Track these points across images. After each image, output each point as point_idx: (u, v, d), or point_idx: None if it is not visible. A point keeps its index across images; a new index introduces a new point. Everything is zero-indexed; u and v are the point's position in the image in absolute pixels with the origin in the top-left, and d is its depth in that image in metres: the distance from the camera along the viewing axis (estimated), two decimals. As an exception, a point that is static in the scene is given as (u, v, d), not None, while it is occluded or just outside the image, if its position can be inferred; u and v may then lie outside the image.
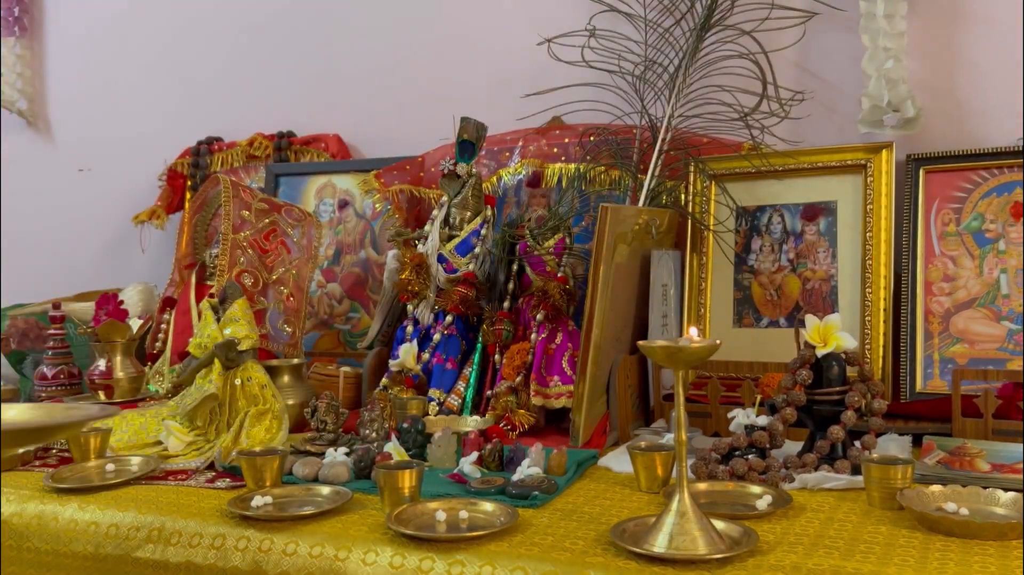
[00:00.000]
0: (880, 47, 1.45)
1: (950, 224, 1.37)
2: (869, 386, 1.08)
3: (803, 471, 1.04)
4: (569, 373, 1.33)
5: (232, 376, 1.29)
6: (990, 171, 1.36)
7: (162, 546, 0.95)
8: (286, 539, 0.89)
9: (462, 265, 1.45)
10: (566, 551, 0.82)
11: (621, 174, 1.55)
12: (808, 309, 1.41)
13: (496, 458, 1.11)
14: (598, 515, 0.93)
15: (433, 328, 1.46)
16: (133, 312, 1.72)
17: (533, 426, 1.31)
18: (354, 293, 1.84)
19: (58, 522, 1.02)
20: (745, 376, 1.33)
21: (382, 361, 1.51)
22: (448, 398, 1.39)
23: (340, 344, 1.82)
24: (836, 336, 1.08)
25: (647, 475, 1.03)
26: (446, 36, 1.90)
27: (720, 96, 1.50)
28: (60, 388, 1.59)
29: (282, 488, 1.03)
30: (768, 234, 1.47)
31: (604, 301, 1.25)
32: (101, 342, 1.49)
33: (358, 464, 1.09)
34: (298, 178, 1.95)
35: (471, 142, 1.48)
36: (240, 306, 1.35)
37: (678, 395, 0.82)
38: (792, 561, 0.77)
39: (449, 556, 0.82)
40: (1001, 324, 1.31)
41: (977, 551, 0.78)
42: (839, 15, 1.52)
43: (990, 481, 0.97)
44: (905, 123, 1.45)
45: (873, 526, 0.87)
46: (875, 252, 1.37)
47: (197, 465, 1.18)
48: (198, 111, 2.16)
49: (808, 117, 1.55)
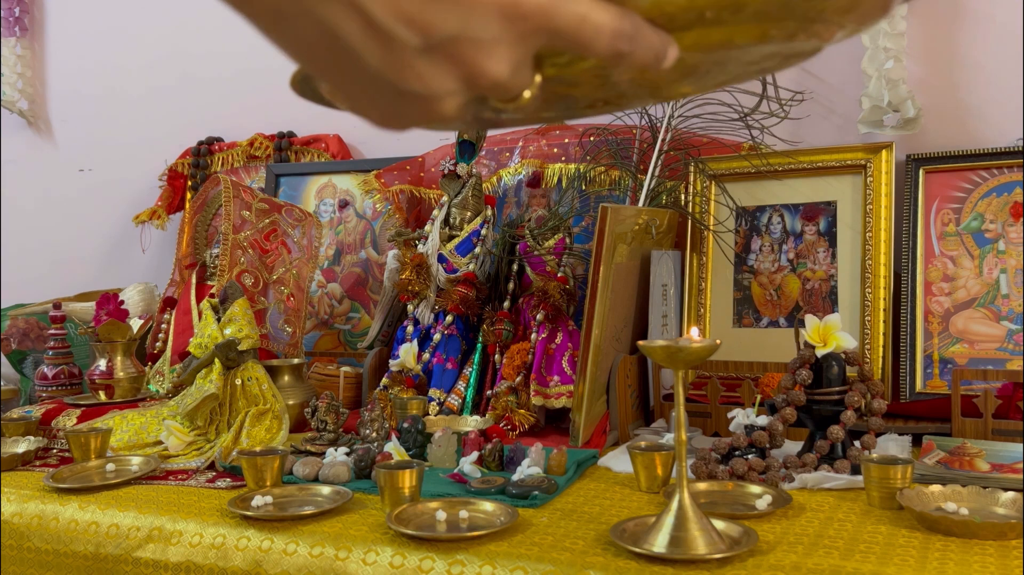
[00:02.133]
0: (880, 47, 1.45)
1: (950, 224, 1.38)
2: (869, 386, 1.08)
3: (803, 471, 1.04)
4: (569, 373, 1.34)
5: (232, 376, 1.30)
6: (990, 171, 1.37)
7: (162, 546, 0.95)
8: (286, 539, 0.89)
9: (462, 265, 1.45)
10: (566, 551, 0.82)
11: (621, 174, 1.55)
12: (808, 309, 1.41)
13: (496, 458, 1.12)
14: (598, 515, 0.93)
15: (433, 328, 1.46)
16: (134, 312, 1.73)
17: (533, 426, 1.32)
18: (354, 293, 1.84)
19: (58, 522, 1.02)
20: (745, 376, 1.33)
21: (382, 361, 1.51)
22: (448, 398, 1.39)
23: (340, 344, 1.82)
24: (836, 336, 1.08)
25: (647, 475, 1.03)
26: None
27: (720, 96, 1.50)
28: (60, 388, 1.59)
29: (282, 488, 1.03)
30: (768, 234, 1.47)
31: (604, 301, 1.25)
32: (101, 342, 1.49)
33: (358, 464, 1.09)
34: (298, 178, 1.96)
35: (471, 142, 1.48)
36: (240, 306, 1.35)
37: (678, 395, 0.82)
38: (792, 561, 0.77)
39: (449, 556, 0.82)
40: (1001, 324, 1.31)
41: (977, 551, 0.78)
42: (839, 15, 1.51)
43: (990, 481, 0.97)
44: (905, 123, 1.45)
45: (873, 526, 0.87)
46: (875, 252, 1.37)
47: (197, 465, 1.18)
48: (198, 111, 2.16)
49: (808, 117, 1.55)
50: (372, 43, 0.37)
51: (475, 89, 0.38)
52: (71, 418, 1.36)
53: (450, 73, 0.37)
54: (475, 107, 0.41)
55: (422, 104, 0.39)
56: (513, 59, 0.37)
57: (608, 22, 0.37)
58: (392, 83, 0.38)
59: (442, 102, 0.39)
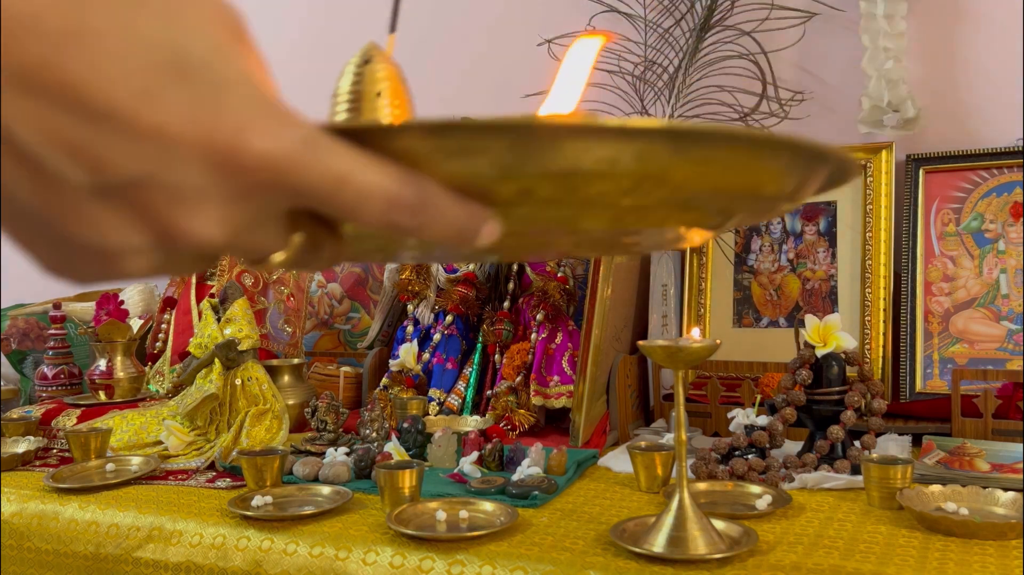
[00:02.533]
0: (880, 47, 1.45)
1: (950, 224, 1.38)
2: (869, 386, 1.08)
3: (803, 471, 1.04)
4: (569, 373, 1.33)
5: (232, 376, 1.29)
6: (990, 171, 1.36)
7: (162, 546, 0.95)
8: (286, 539, 0.89)
9: (462, 265, 1.45)
10: (566, 551, 0.82)
11: (621, 174, 1.55)
12: (808, 309, 1.41)
13: (496, 458, 1.12)
14: (598, 515, 0.93)
15: (433, 328, 1.46)
16: (133, 312, 1.72)
17: (533, 426, 1.31)
18: (354, 293, 1.84)
19: (58, 522, 1.02)
20: (745, 376, 1.33)
21: (382, 361, 1.51)
22: (448, 398, 1.39)
23: (340, 344, 1.82)
24: (836, 336, 1.08)
25: (647, 475, 1.03)
26: (446, 36, 1.91)
27: (720, 96, 1.50)
28: (60, 388, 1.59)
29: (282, 488, 1.03)
30: (768, 234, 1.47)
31: (604, 301, 1.25)
32: (101, 342, 1.49)
33: (358, 464, 1.09)
34: (298, 178, 1.95)
35: (471, 142, 1.48)
36: (240, 306, 1.35)
37: (678, 395, 0.82)
38: (792, 561, 0.77)
39: (449, 556, 0.82)
40: (1001, 324, 1.31)
41: (977, 551, 0.78)
42: (839, 15, 1.52)
43: (990, 481, 0.97)
44: (905, 123, 1.45)
45: (873, 526, 0.87)
46: (875, 252, 1.37)
47: (197, 465, 1.18)
48: (198, 111, 2.16)
49: (808, 117, 1.55)
50: (20, 173, 0.27)
51: (172, 248, 0.29)
52: (71, 418, 1.36)
53: (134, 225, 0.28)
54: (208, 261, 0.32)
55: (98, 258, 0.29)
56: (229, 219, 0.28)
57: (381, 187, 0.28)
58: (55, 228, 0.28)
59: (125, 259, 0.29)
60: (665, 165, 0.31)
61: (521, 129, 0.29)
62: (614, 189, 0.31)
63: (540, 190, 0.30)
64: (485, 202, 0.31)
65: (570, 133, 0.29)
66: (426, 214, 0.29)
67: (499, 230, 0.31)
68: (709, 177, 0.32)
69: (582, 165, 0.30)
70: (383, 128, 0.30)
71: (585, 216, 0.33)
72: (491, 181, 0.30)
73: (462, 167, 0.29)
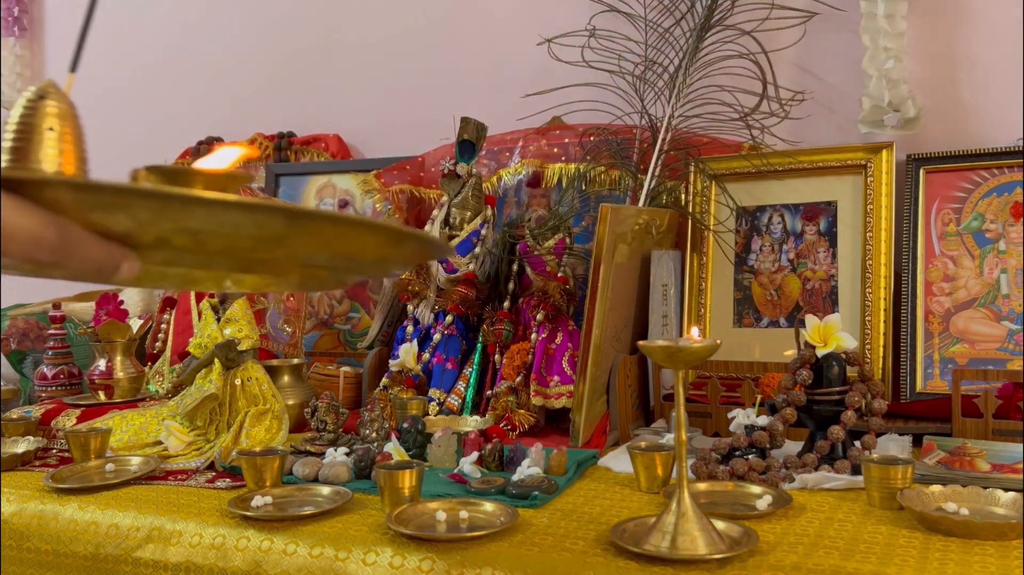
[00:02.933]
0: (880, 47, 1.45)
1: (950, 224, 1.37)
2: (869, 386, 1.08)
3: (803, 471, 1.04)
4: (569, 373, 1.33)
5: (232, 376, 1.29)
6: (990, 171, 1.36)
7: (162, 546, 0.95)
8: (286, 539, 0.89)
9: (462, 265, 1.45)
10: (566, 551, 0.82)
11: (621, 174, 1.55)
12: (808, 309, 1.41)
13: (496, 458, 1.11)
14: (598, 515, 0.93)
15: (433, 328, 1.46)
16: (133, 312, 1.72)
17: (533, 426, 1.31)
18: (354, 293, 1.84)
19: (58, 522, 1.02)
20: (745, 376, 1.33)
21: (382, 361, 1.51)
22: (448, 398, 1.39)
23: (340, 344, 1.82)
24: (836, 336, 1.08)
25: (647, 475, 1.03)
26: (446, 36, 1.91)
27: (720, 96, 1.50)
28: (60, 388, 1.59)
29: (282, 488, 1.03)
30: (768, 234, 1.47)
31: (604, 301, 1.25)
32: (101, 342, 1.49)
33: (358, 464, 1.09)
34: (298, 178, 1.95)
35: (471, 142, 1.48)
36: (240, 306, 1.35)
37: (678, 395, 0.82)
38: (792, 561, 0.77)
39: (449, 556, 0.82)
40: (1001, 324, 1.31)
41: (977, 551, 0.78)
42: (839, 15, 1.52)
43: (990, 481, 0.97)
44: (905, 123, 1.45)
45: (873, 526, 0.87)
46: (875, 252, 1.37)
47: (197, 465, 1.18)
48: (198, 111, 2.16)
49: (808, 117, 1.55)
50: None
51: None
52: (71, 418, 1.36)
53: None
54: None
55: None
56: None
57: (25, 229, 0.35)
58: None
59: None
60: (282, 232, 0.38)
61: (156, 196, 0.36)
62: (239, 246, 0.38)
63: (175, 240, 0.37)
64: (128, 244, 0.37)
65: (199, 203, 0.36)
66: (66, 252, 0.36)
67: (138, 267, 0.38)
68: (321, 244, 0.40)
69: (208, 227, 0.36)
70: (37, 181, 0.36)
71: (217, 262, 0.40)
72: (131, 230, 0.36)
73: (103, 218, 0.36)
